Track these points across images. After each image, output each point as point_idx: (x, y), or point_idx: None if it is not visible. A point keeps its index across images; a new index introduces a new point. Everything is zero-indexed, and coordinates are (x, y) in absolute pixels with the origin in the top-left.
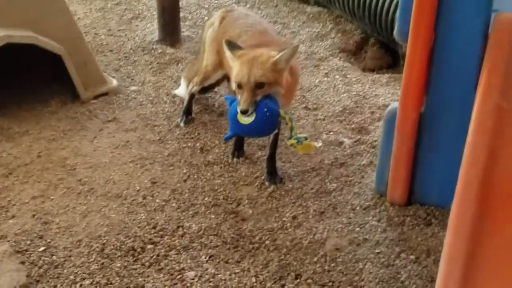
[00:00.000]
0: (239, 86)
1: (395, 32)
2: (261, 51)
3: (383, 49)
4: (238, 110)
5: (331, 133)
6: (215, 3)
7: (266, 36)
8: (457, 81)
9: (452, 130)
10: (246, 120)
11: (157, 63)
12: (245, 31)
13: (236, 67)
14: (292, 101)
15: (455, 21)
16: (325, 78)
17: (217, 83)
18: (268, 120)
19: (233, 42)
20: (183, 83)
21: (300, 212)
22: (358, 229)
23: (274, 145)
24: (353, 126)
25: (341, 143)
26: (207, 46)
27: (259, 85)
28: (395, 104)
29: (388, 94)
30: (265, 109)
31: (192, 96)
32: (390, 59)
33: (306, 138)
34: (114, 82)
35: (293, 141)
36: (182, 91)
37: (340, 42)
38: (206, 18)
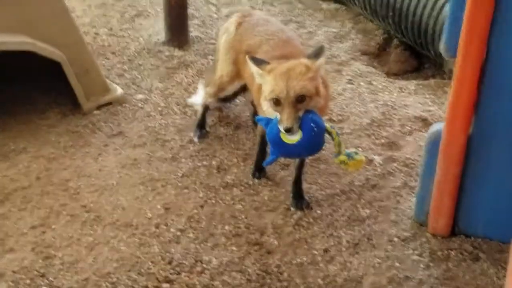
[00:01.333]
0: (277, 102)
1: (441, 47)
2: (293, 62)
3: (407, 52)
4: (281, 129)
5: (360, 149)
6: None
7: (290, 45)
8: (511, 101)
9: (503, 154)
10: (292, 139)
11: (165, 67)
12: (266, 40)
13: (269, 83)
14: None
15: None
16: (349, 85)
17: (234, 94)
18: (317, 136)
19: (256, 57)
20: (201, 90)
21: (332, 243)
22: (397, 264)
23: (301, 165)
24: (382, 140)
25: (371, 160)
26: (221, 55)
27: (300, 99)
28: (439, 125)
29: (418, 104)
30: (312, 124)
31: (206, 108)
32: (415, 63)
33: (356, 153)
34: (119, 90)
35: (343, 157)
36: (199, 99)
37: (361, 44)
38: (215, 16)
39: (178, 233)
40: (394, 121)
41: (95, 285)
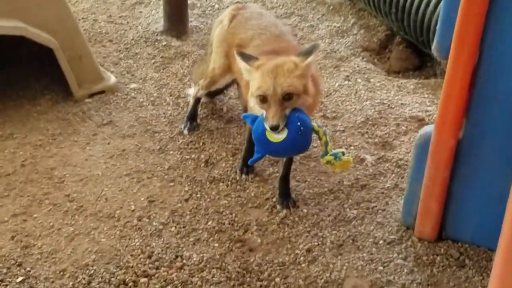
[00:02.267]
0: (263, 100)
1: (433, 47)
2: (282, 59)
3: (409, 49)
4: (267, 127)
5: (352, 147)
6: None
7: (282, 41)
8: (503, 105)
9: (493, 160)
10: (278, 137)
11: (161, 57)
12: (258, 34)
13: (257, 79)
14: (313, 113)
15: (505, 38)
16: (346, 82)
17: (225, 87)
18: (303, 135)
19: (246, 53)
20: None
21: (316, 243)
22: (381, 268)
23: (288, 163)
24: (376, 140)
25: (363, 160)
26: (214, 48)
27: (287, 97)
28: (429, 128)
29: (415, 103)
30: (299, 123)
31: (197, 100)
32: (417, 61)
33: (343, 153)
34: (112, 79)
35: (330, 157)
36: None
37: (363, 40)
38: (216, 6)
39: (161, 226)
40: (390, 120)
41: (72, 276)
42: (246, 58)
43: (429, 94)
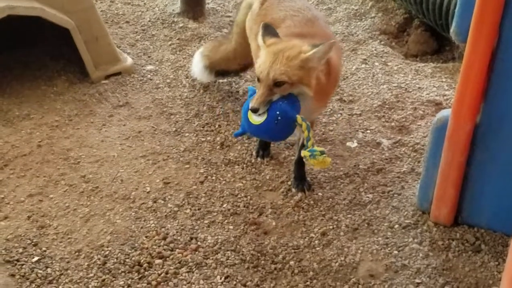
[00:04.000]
0: (258, 79)
1: (451, 30)
2: (293, 43)
3: (428, 33)
4: (249, 107)
5: (368, 131)
6: None
7: (313, 25)
8: None
9: (510, 144)
10: (256, 120)
11: (178, 39)
12: (291, 16)
13: (261, 57)
14: (326, 106)
15: None
16: (363, 65)
17: (235, 72)
18: (280, 125)
19: (271, 26)
20: (200, 60)
21: (331, 227)
22: (396, 252)
23: (303, 146)
24: (392, 124)
25: (379, 144)
26: (247, 32)
27: (278, 83)
28: (446, 112)
29: (433, 87)
30: (278, 112)
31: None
32: (435, 44)
33: (322, 153)
34: (129, 60)
35: (306, 153)
36: (197, 70)
37: (381, 23)
38: None
39: (176, 208)
40: (407, 104)
41: (87, 257)
42: (267, 31)
43: (447, 78)
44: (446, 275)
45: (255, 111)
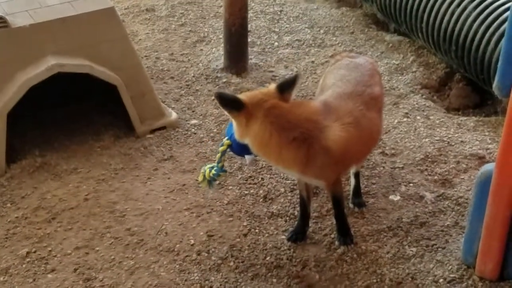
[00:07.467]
0: None
1: (494, 85)
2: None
3: (469, 87)
4: None
5: (411, 185)
6: (286, 27)
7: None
8: None
9: None
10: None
11: None
12: (333, 84)
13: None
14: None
15: None
16: (405, 119)
17: None
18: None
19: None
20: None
21: (374, 280)
22: None
23: (334, 203)
24: (435, 177)
25: (422, 197)
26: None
27: None
28: (490, 166)
29: (476, 141)
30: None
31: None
32: (477, 98)
33: (217, 174)
34: (174, 115)
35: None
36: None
37: (422, 77)
38: (276, 44)
39: (219, 261)
40: (449, 157)
41: None
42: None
43: (490, 132)
44: None
45: None
